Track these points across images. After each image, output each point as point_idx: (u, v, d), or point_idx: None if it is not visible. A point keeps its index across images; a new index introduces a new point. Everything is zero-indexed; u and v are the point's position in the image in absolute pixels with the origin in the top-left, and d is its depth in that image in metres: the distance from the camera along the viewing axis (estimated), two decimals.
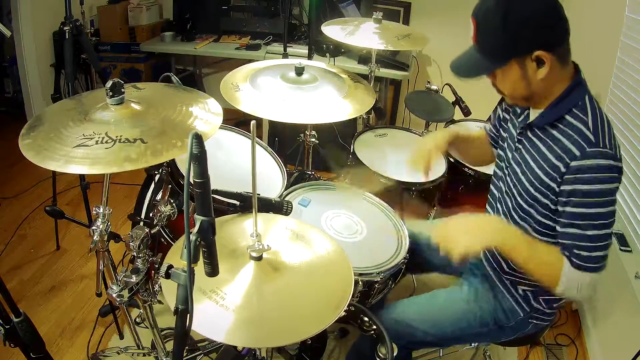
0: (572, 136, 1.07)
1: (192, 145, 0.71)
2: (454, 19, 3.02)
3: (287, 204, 1.26)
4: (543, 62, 1.05)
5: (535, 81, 1.08)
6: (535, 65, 1.06)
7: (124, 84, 1.11)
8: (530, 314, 1.30)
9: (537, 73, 1.07)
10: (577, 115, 1.08)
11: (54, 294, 2.13)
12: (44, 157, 0.96)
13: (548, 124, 1.14)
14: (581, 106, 1.09)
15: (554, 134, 1.12)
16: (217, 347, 1.63)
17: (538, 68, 1.06)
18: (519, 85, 1.11)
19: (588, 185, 1.02)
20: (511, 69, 1.08)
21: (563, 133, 1.09)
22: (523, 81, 1.09)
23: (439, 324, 1.32)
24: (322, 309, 0.95)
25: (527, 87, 1.10)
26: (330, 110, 1.52)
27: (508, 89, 1.14)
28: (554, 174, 1.09)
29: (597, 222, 1.03)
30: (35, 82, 3.06)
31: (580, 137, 1.05)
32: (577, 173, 1.04)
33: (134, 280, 1.18)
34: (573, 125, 1.08)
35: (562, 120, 1.11)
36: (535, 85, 1.09)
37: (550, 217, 1.14)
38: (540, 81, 1.08)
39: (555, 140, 1.11)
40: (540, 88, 1.10)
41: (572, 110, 1.09)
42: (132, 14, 3.24)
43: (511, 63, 1.07)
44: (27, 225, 2.52)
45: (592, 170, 1.02)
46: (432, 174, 1.80)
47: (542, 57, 1.04)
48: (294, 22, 3.17)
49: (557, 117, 1.11)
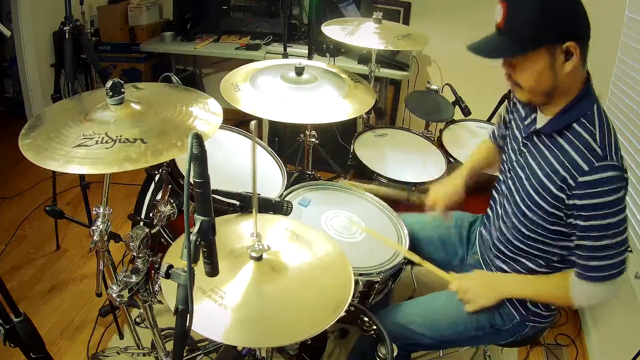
0: (579, 148, 1.06)
1: (192, 145, 0.71)
2: (454, 19, 3.02)
3: (287, 204, 1.26)
4: (572, 55, 1.02)
5: (561, 74, 1.05)
6: (563, 58, 1.03)
7: (124, 84, 1.11)
8: (527, 317, 1.30)
9: (564, 66, 1.04)
10: (585, 126, 1.07)
11: (54, 294, 2.13)
12: (44, 157, 0.96)
13: (556, 131, 1.12)
14: (589, 116, 1.08)
15: (561, 143, 1.11)
16: (217, 347, 1.63)
17: (566, 60, 1.03)
18: (545, 77, 1.06)
19: (598, 198, 1.02)
20: (539, 57, 1.04)
21: (571, 143, 1.08)
22: (550, 72, 1.05)
23: (436, 327, 1.32)
24: (322, 309, 0.95)
25: (553, 80, 1.06)
26: (330, 110, 1.52)
27: (531, 80, 1.08)
28: (562, 184, 1.08)
29: (610, 231, 1.04)
30: (35, 82, 3.06)
31: (588, 150, 1.05)
32: (587, 188, 1.04)
33: (134, 280, 1.18)
34: (581, 137, 1.07)
35: (570, 129, 1.09)
36: (560, 78, 1.06)
37: (558, 224, 1.14)
38: (566, 76, 1.05)
39: (563, 150, 1.10)
40: (564, 84, 1.07)
41: (581, 120, 1.08)
42: (132, 14, 3.24)
43: (540, 51, 1.03)
44: (27, 225, 2.51)
45: (601, 185, 1.02)
46: (432, 174, 1.80)
47: (571, 49, 1.02)
48: (294, 22, 3.17)
49: (565, 125, 1.10)
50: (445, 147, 1.99)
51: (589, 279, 1.10)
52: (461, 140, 2.10)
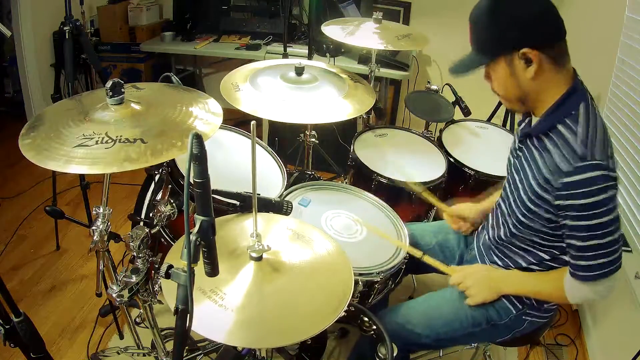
0: (560, 149, 1.07)
1: (192, 145, 0.71)
2: (454, 19, 3.01)
3: (287, 204, 1.26)
4: (531, 61, 1.06)
5: (524, 80, 1.09)
6: (523, 64, 1.07)
7: (124, 84, 1.11)
8: (524, 311, 1.30)
9: (525, 72, 1.07)
10: (568, 126, 1.07)
11: (54, 294, 2.13)
12: (44, 157, 0.96)
13: (542, 133, 1.13)
14: (574, 116, 1.08)
15: (546, 144, 1.11)
16: (217, 347, 1.63)
17: (527, 67, 1.07)
18: (509, 84, 1.12)
19: (582, 199, 1.02)
20: (499, 66, 1.10)
21: (555, 145, 1.09)
22: (512, 80, 1.10)
23: (432, 326, 1.33)
24: (322, 309, 0.95)
25: (518, 87, 1.11)
26: (330, 110, 1.52)
27: (501, 89, 1.15)
28: (546, 185, 1.09)
29: (598, 232, 1.04)
30: (35, 82, 3.06)
31: (568, 151, 1.05)
32: (569, 189, 1.04)
33: (134, 280, 1.18)
34: (563, 137, 1.07)
35: (554, 131, 1.10)
36: (526, 85, 1.10)
37: (549, 225, 1.15)
38: (531, 81, 1.08)
39: (547, 151, 1.10)
40: (532, 89, 1.11)
41: (564, 120, 1.08)
42: (132, 14, 3.24)
43: (499, 60, 1.10)
44: (27, 225, 2.51)
45: (583, 185, 1.02)
46: (432, 174, 1.80)
47: (529, 55, 1.05)
48: (294, 22, 3.17)
49: (550, 126, 1.11)
50: (445, 147, 1.99)
51: (579, 278, 1.11)
52: (461, 141, 2.10)
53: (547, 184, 1.09)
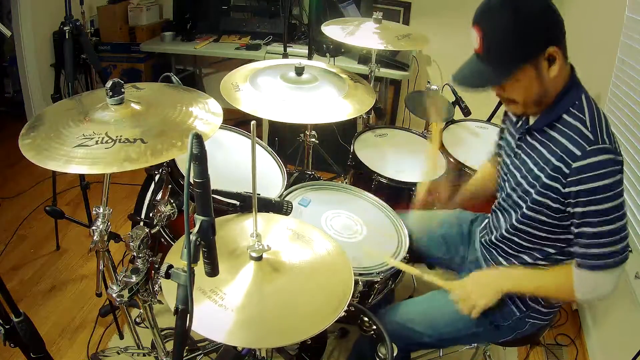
0: (571, 136, 1.07)
1: (192, 145, 0.71)
2: (454, 19, 3.01)
3: (287, 204, 1.26)
4: (554, 59, 1.03)
5: (548, 80, 1.06)
6: (547, 64, 1.04)
7: (124, 84, 1.11)
8: (527, 313, 1.30)
9: (549, 71, 1.05)
10: (575, 115, 1.08)
11: (54, 294, 2.13)
12: (44, 157, 0.96)
13: (547, 125, 1.13)
14: (578, 105, 1.09)
15: (553, 135, 1.12)
16: (217, 347, 1.63)
17: (550, 66, 1.04)
18: (534, 87, 1.07)
19: (593, 183, 1.02)
20: (525, 73, 1.05)
21: (563, 134, 1.09)
22: (537, 82, 1.06)
23: (435, 325, 1.32)
24: (322, 309, 0.95)
25: (541, 89, 1.08)
26: (330, 110, 1.52)
27: (521, 95, 1.10)
28: (556, 174, 1.08)
29: (610, 216, 1.03)
30: (35, 82, 3.06)
31: (579, 137, 1.05)
32: (581, 173, 1.03)
33: (134, 280, 1.18)
34: (571, 125, 1.08)
35: (561, 121, 1.10)
36: (548, 85, 1.07)
37: (556, 217, 1.14)
38: (553, 79, 1.06)
39: (555, 141, 1.10)
40: (551, 87, 1.08)
41: (570, 110, 1.09)
42: (132, 14, 3.24)
43: (525, 67, 1.04)
44: (27, 225, 2.51)
45: (595, 168, 1.02)
46: (432, 174, 1.80)
47: (554, 54, 1.02)
48: (294, 22, 3.17)
49: (556, 117, 1.11)
50: (445, 147, 1.99)
51: (590, 268, 1.08)
52: (461, 141, 2.10)
53: (556, 172, 1.08)
